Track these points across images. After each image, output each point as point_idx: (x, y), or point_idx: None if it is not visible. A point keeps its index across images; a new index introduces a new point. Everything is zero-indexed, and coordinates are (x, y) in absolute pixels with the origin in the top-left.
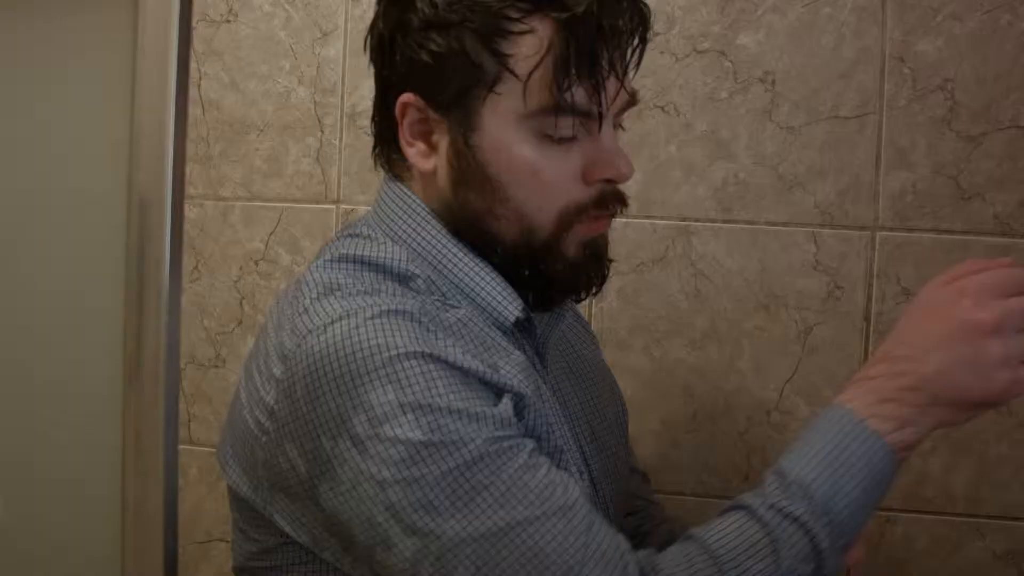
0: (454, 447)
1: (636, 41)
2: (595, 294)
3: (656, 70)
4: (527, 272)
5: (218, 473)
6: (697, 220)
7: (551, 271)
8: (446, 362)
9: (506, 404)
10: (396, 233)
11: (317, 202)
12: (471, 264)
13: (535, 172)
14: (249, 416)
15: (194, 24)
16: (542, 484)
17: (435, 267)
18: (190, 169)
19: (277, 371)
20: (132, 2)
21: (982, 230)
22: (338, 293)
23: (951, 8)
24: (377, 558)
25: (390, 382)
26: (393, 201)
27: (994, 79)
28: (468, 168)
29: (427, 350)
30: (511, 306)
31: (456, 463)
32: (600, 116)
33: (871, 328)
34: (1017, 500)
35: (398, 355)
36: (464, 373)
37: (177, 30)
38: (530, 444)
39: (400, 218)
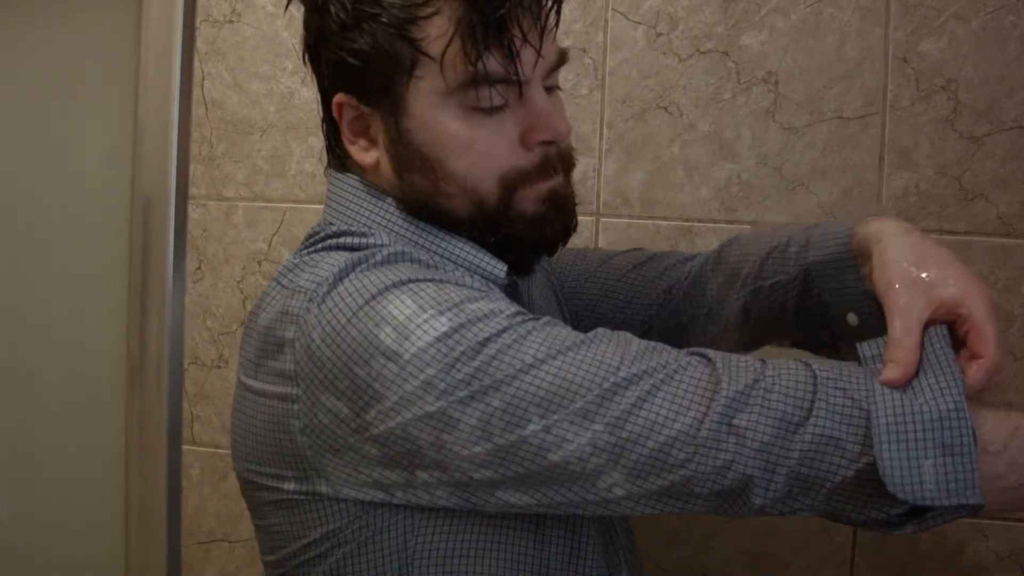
0: (482, 323)
1: (550, 2)
2: (564, 244)
3: (659, 71)
4: (493, 240)
5: (221, 473)
6: (700, 221)
7: (516, 232)
8: (450, 282)
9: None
10: (367, 222)
11: (320, 203)
12: (447, 237)
13: (469, 144)
14: (270, 401)
15: (197, 24)
16: (574, 332)
17: (417, 245)
18: (193, 169)
19: (289, 334)
20: (136, 2)
21: (985, 231)
22: (336, 255)
23: (955, 8)
24: (447, 448)
25: (406, 294)
26: (352, 193)
27: (998, 79)
28: (405, 153)
29: (434, 277)
30: (497, 267)
31: (490, 331)
32: (519, 83)
33: None
34: None
35: (408, 280)
36: (467, 287)
37: (181, 30)
38: (547, 316)
39: (364, 206)
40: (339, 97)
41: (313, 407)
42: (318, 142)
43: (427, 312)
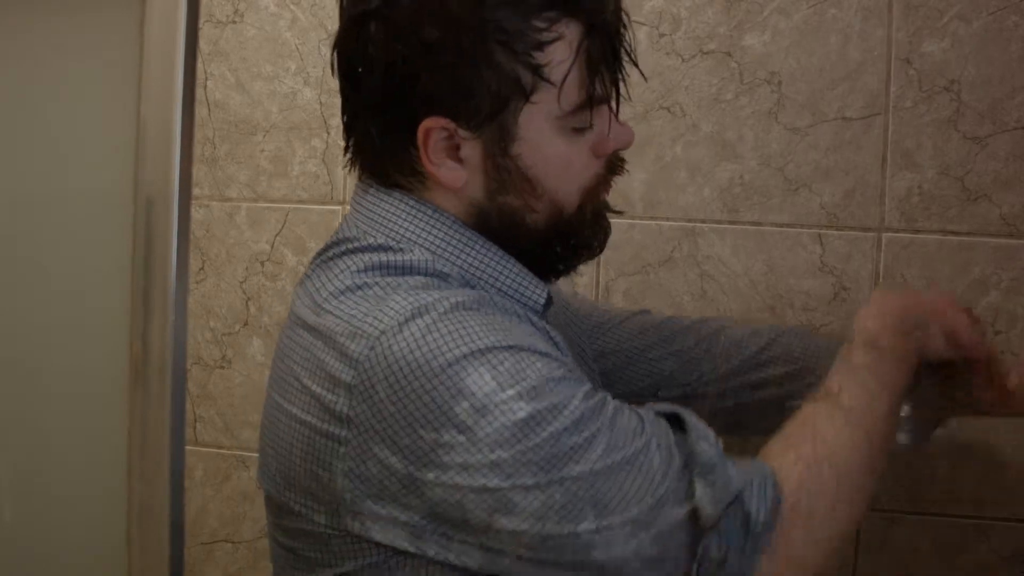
0: (557, 411)
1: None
2: (601, 251)
3: (662, 71)
4: (559, 248)
5: (224, 474)
6: (703, 221)
7: (584, 238)
8: (524, 348)
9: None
10: (408, 237)
11: (323, 203)
12: (491, 254)
13: (568, 164)
14: (310, 433)
15: (200, 25)
16: (635, 421)
17: (459, 265)
18: (196, 170)
19: (347, 377)
20: (139, 2)
21: (988, 231)
22: (399, 293)
23: (957, 9)
24: (496, 526)
25: (484, 367)
26: (397, 208)
27: (1000, 80)
28: (508, 176)
29: (507, 342)
30: (537, 290)
31: (564, 424)
32: (618, 103)
33: None
34: None
35: (485, 348)
36: (538, 352)
37: (183, 31)
38: (606, 392)
39: (409, 222)
40: (429, 122)
41: (363, 455)
42: (321, 143)
43: (506, 391)
